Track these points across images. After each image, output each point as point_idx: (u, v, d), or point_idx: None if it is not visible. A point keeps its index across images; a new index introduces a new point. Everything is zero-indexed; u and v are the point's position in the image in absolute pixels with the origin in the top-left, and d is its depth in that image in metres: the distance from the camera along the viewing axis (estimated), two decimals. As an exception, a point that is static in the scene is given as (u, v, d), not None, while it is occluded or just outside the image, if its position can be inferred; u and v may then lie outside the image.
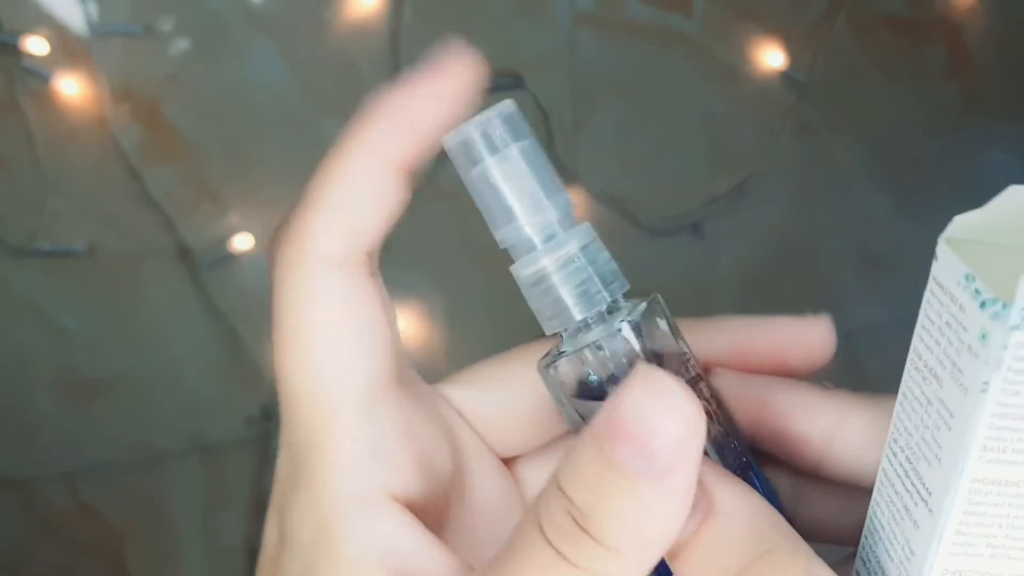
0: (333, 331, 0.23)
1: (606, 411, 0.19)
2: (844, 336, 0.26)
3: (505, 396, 0.26)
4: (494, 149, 0.22)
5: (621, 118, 0.98)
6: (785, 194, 1.04)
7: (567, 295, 0.22)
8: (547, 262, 0.22)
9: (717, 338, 0.26)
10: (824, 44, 1.02)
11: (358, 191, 0.23)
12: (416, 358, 0.96)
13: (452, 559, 0.23)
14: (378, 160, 0.23)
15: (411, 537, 0.22)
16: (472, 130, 0.22)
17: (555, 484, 0.20)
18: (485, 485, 0.26)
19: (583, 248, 0.23)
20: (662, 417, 0.19)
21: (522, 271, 0.23)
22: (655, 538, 0.19)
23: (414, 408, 0.24)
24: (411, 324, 0.94)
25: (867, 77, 1.04)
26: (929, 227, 0.18)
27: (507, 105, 0.23)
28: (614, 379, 0.22)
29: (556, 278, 0.22)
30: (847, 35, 1.02)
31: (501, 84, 0.91)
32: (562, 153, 0.96)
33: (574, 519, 0.19)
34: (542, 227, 0.23)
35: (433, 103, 0.23)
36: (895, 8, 1.04)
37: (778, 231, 1.04)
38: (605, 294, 0.23)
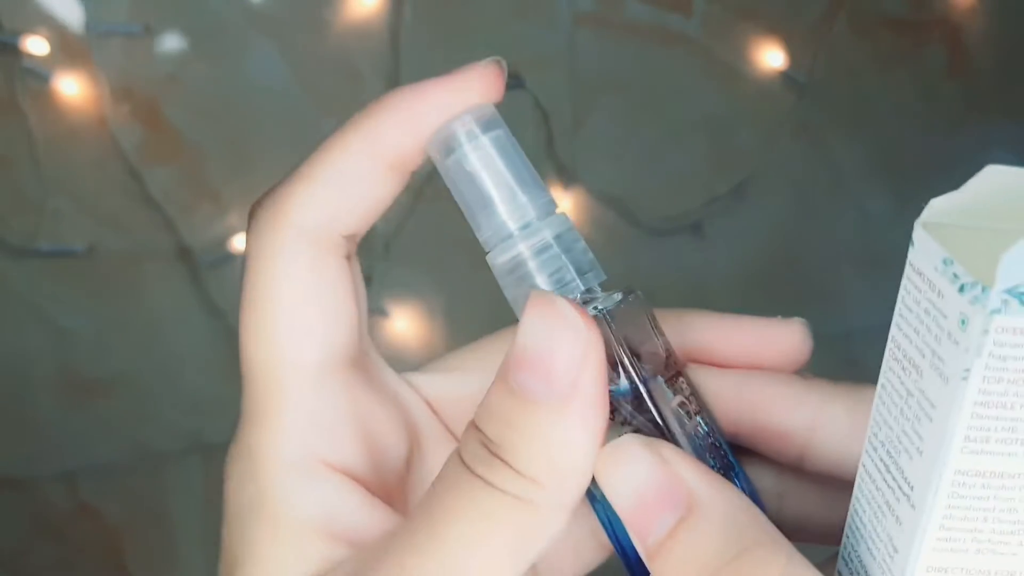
0: (294, 302, 0.23)
1: (511, 345, 0.20)
2: (843, 336, 0.25)
3: (468, 384, 0.26)
4: (468, 138, 0.23)
5: (621, 118, 0.98)
6: (785, 194, 1.03)
7: (541, 283, 0.23)
8: (522, 248, 0.23)
9: (686, 334, 0.26)
10: (824, 44, 1.01)
11: (346, 175, 0.23)
12: (416, 358, 0.96)
13: (394, 520, 0.23)
14: (372, 151, 0.23)
15: (350, 501, 0.22)
16: (449, 124, 0.23)
17: (471, 423, 0.20)
18: None
19: (557, 236, 0.23)
20: (555, 338, 0.19)
21: (497, 259, 0.23)
22: (570, 468, 0.20)
23: (368, 390, 0.24)
24: (411, 324, 0.94)
25: (867, 77, 1.04)
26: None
27: (485, 106, 0.23)
28: None
29: (531, 265, 0.23)
30: (847, 35, 1.02)
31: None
32: (562, 153, 0.96)
33: (488, 449, 0.20)
34: (518, 215, 0.23)
35: (440, 108, 0.23)
36: (895, 8, 1.04)
37: (778, 231, 1.03)
38: (579, 282, 0.23)
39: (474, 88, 0.23)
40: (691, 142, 1.00)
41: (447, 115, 0.23)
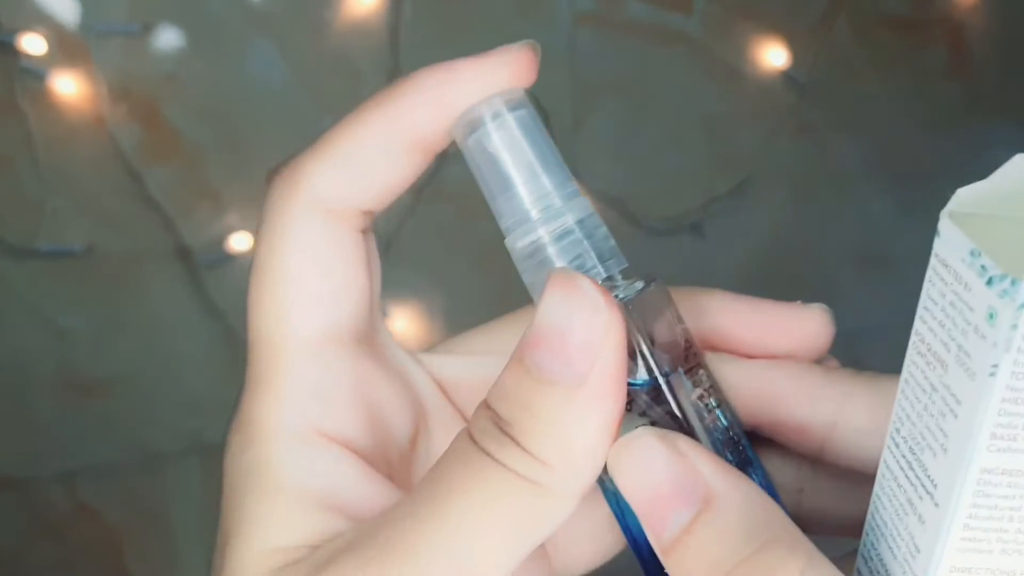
0: (302, 271, 0.22)
1: (529, 324, 0.19)
2: (845, 336, 0.25)
3: (482, 367, 0.26)
4: (492, 117, 0.22)
5: (621, 118, 0.98)
6: (785, 194, 1.03)
7: None
8: (543, 232, 0.22)
9: (702, 317, 0.25)
10: (824, 44, 1.01)
11: (366, 151, 0.22)
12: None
13: (395, 495, 0.22)
14: (396, 128, 0.22)
15: (348, 474, 0.22)
16: (475, 107, 0.22)
17: (483, 402, 0.20)
18: None
19: (580, 221, 0.22)
20: (575, 317, 0.19)
21: (516, 243, 0.22)
22: (582, 452, 0.19)
23: (375, 365, 0.24)
24: (411, 324, 0.94)
25: (867, 77, 1.03)
26: (930, 227, 0.18)
27: (514, 90, 0.22)
28: None
29: (551, 251, 0.22)
30: (847, 35, 1.02)
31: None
32: (562, 153, 0.96)
33: (499, 428, 0.19)
34: (540, 198, 0.22)
35: (469, 90, 0.22)
36: (895, 8, 1.04)
37: (778, 231, 1.03)
38: (601, 269, 0.22)
39: (506, 71, 0.22)
40: (691, 142, 1.00)
41: (475, 97, 0.22)
